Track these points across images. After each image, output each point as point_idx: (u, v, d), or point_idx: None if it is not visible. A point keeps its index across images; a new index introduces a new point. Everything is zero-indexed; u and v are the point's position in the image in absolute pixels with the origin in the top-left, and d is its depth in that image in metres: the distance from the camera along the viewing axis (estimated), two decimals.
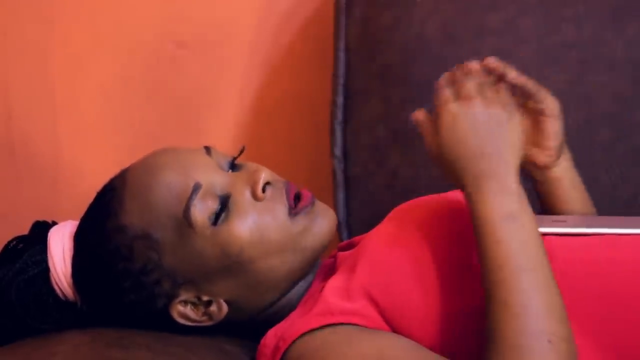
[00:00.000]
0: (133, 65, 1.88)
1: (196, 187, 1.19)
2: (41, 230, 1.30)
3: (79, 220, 1.28)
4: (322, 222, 1.24)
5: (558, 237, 1.22)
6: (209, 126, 1.89)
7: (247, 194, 1.21)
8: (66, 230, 1.27)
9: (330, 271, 1.30)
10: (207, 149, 1.25)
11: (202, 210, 1.18)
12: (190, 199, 1.18)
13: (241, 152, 1.28)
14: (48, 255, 1.25)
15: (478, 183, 1.14)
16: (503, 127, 1.15)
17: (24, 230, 1.32)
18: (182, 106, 1.88)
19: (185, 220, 1.18)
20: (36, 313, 1.24)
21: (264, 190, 1.21)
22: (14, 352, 1.18)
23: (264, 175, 1.21)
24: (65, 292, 1.25)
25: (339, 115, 1.68)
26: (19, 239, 1.29)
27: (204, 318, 1.23)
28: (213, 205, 1.19)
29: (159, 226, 1.19)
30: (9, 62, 1.89)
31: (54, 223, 1.32)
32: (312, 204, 1.24)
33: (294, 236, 1.21)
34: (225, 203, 1.20)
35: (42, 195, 1.90)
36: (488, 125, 1.15)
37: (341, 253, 1.32)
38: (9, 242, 1.29)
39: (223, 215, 1.19)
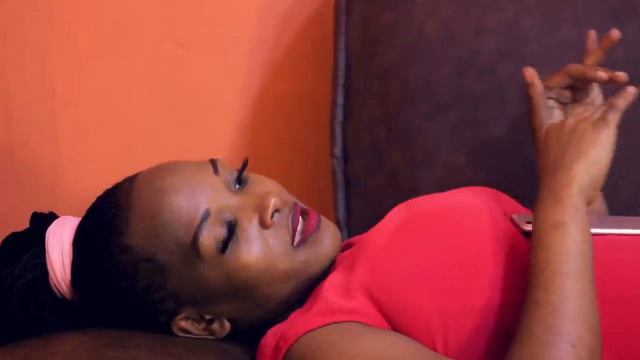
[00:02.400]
0: (133, 65, 1.87)
1: (205, 215, 1.18)
2: (39, 225, 1.29)
3: (78, 222, 1.27)
4: (326, 244, 1.24)
5: None
6: (209, 126, 1.88)
7: (255, 221, 1.20)
8: (65, 232, 1.26)
9: (330, 271, 1.30)
10: (214, 165, 1.23)
11: (209, 238, 1.17)
12: (199, 228, 1.17)
13: (244, 166, 1.26)
14: (47, 259, 1.24)
15: (540, 193, 1.18)
16: (599, 147, 1.21)
17: None
18: (182, 106, 1.88)
19: (193, 248, 1.17)
20: (36, 316, 1.24)
21: (272, 217, 1.20)
22: (14, 352, 1.18)
23: (274, 202, 1.20)
24: (64, 296, 1.25)
25: (339, 115, 1.68)
26: (17, 234, 1.29)
27: (205, 333, 1.23)
28: (221, 232, 1.18)
29: (165, 251, 1.18)
30: (9, 62, 1.88)
31: (52, 215, 1.31)
32: (318, 229, 1.23)
33: (299, 264, 1.21)
34: (232, 230, 1.19)
35: (42, 195, 1.90)
36: (585, 145, 1.21)
37: (341, 253, 1.32)
38: (7, 238, 1.28)
39: (230, 243, 1.18)
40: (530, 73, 1.33)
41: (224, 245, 1.18)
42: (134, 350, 1.17)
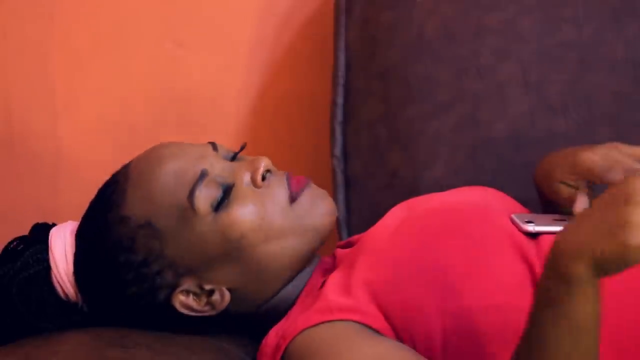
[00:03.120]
0: (133, 65, 1.88)
1: (203, 173, 1.21)
2: (41, 232, 1.30)
3: (80, 219, 1.28)
4: (322, 203, 1.25)
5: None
6: (209, 126, 1.89)
7: (247, 180, 1.23)
8: (67, 230, 1.28)
9: (331, 269, 1.30)
10: (213, 145, 1.26)
11: (205, 197, 1.20)
12: (196, 184, 1.20)
13: (242, 148, 1.29)
14: (49, 253, 1.25)
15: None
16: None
17: (24, 230, 1.32)
18: (182, 106, 1.88)
19: (189, 204, 1.19)
20: (37, 311, 1.24)
21: (264, 178, 1.23)
22: (14, 352, 1.19)
23: (264, 163, 1.23)
24: (66, 290, 1.25)
25: (339, 115, 1.68)
26: (19, 239, 1.30)
27: (207, 308, 1.24)
28: (216, 192, 1.21)
29: (161, 214, 1.20)
30: (9, 62, 1.88)
31: (54, 225, 1.32)
32: (308, 184, 1.26)
33: (296, 219, 1.23)
34: (227, 191, 1.21)
35: (42, 195, 1.90)
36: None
37: (340, 250, 1.33)
38: (9, 243, 1.29)
39: (225, 202, 1.21)
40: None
41: (218, 203, 1.20)
42: (134, 349, 1.17)
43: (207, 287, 1.23)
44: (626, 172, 1.21)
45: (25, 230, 1.31)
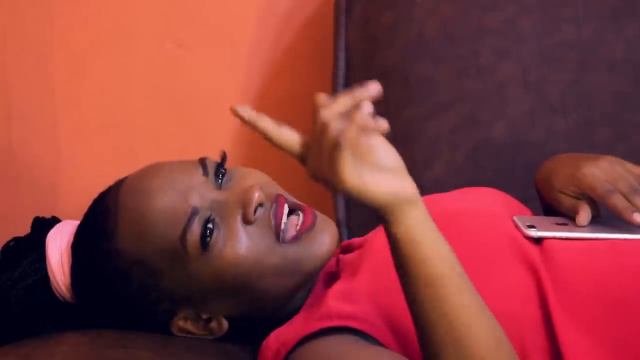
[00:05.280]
0: (133, 65, 1.87)
1: (194, 212, 1.17)
2: (40, 230, 1.29)
3: (78, 224, 1.27)
4: (322, 240, 1.21)
5: (559, 240, 1.21)
6: (209, 126, 1.88)
7: (239, 217, 1.19)
8: (64, 237, 1.26)
9: (333, 273, 1.29)
10: (203, 165, 1.22)
11: (197, 237, 1.17)
12: (187, 225, 1.17)
13: (223, 159, 1.24)
14: (47, 264, 1.24)
15: None
16: None
17: (24, 230, 1.32)
18: (182, 106, 1.88)
19: (181, 246, 1.17)
20: (37, 319, 1.24)
21: (255, 212, 1.19)
22: (14, 352, 1.18)
23: (257, 196, 1.18)
24: (65, 299, 1.25)
25: None
26: (17, 240, 1.29)
27: (205, 332, 1.23)
28: (207, 231, 1.17)
29: (155, 254, 1.18)
30: (9, 62, 1.88)
31: (55, 219, 1.31)
32: (313, 227, 1.20)
33: (290, 261, 1.19)
34: (218, 227, 1.18)
35: (42, 195, 1.90)
36: None
37: (343, 256, 1.31)
38: (7, 243, 1.29)
39: (217, 239, 1.17)
40: None
41: (211, 242, 1.17)
42: (133, 350, 1.17)
43: (205, 316, 1.22)
44: (629, 194, 1.22)
45: (25, 231, 1.31)
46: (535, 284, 1.16)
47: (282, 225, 1.19)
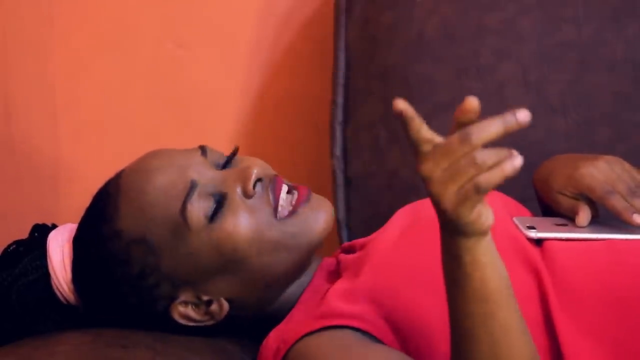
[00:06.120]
0: (133, 65, 1.88)
1: (193, 185, 1.19)
2: (40, 233, 1.30)
3: (78, 223, 1.28)
4: (317, 217, 1.22)
5: (559, 241, 1.22)
6: (209, 126, 1.89)
7: (239, 191, 1.20)
8: (65, 235, 1.27)
9: (334, 272, 1.30)
10: (202, 149, 1.24)
11: (198, 209, 1.18)
12: (187, 197, 1.18)
13: (234, 153, 1.26)
14: (48, 260, 1.25)
15: None
16: None
17: (24, 230, 1.32)
18: (182, 106, 1.88)
19: (182, 218, 1.18)
20: (37, 316, 1.24)
21: (254, 187, 1.21)
22: (14, 352, 1.18)
23: (256, 171, 1.20)
24: (66, 297, 1.25)
25: (339, 115, 1.68)
26: (18, 243, 1.29)
27: (206, 317, 1.23)
28: (208, 203, 1.19)
29: (155, 229, 1.19)
30: (9, 62, 1.88)
31: (54, 226, 1.32)
32: (308, 200, 1.23)
33: (288, 235, 1.21)
34: (219, 201, 1.19)
35: (42, 195, 1.90)
36: None
37: (344, 256, 1.32)
38: (8, 246, 1.29)
39: (217, 213, 1.19)
40: None
41: (211, 215, 1.18)
42: (134, 349, 1.17)
43: (205, 298, 1.22)
44: (627, 195, 1.22)
45: (25, 231, 1.31)
46: (537, 285, 1.17)
47: (280, 201, 1.21)
